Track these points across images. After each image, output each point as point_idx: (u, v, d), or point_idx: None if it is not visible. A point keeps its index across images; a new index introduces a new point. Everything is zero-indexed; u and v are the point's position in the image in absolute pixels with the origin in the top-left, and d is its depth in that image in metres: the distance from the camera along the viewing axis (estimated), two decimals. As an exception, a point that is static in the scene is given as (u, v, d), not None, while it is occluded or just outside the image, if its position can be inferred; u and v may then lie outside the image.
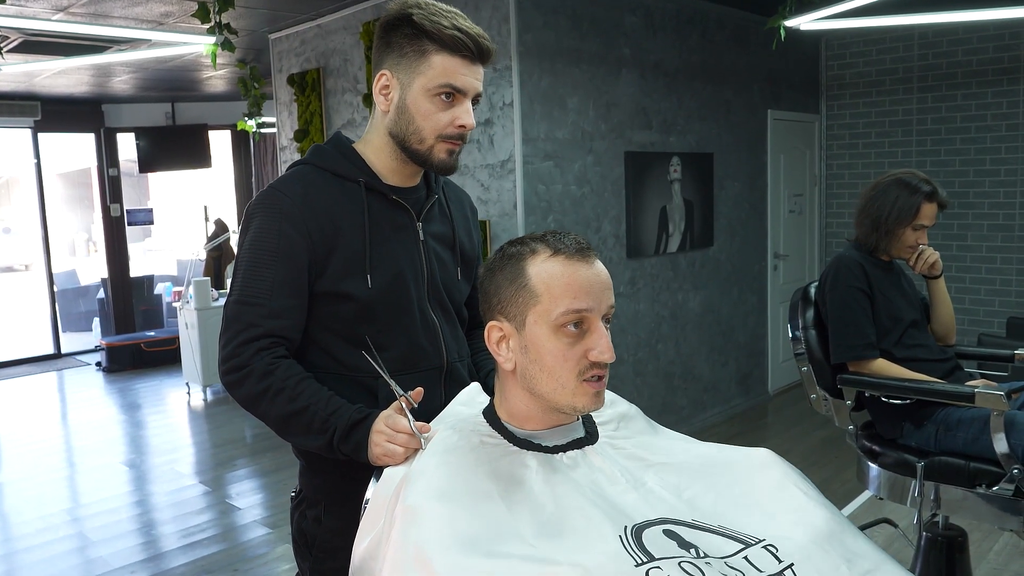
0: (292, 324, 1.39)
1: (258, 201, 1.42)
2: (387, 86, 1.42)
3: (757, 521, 1.17)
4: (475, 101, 1.43)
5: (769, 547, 1.10)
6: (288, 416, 1.35)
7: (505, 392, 1.27)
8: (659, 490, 1.20)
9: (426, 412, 1.35)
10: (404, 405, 1.30)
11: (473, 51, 1.38)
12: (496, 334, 1.23)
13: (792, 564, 1.07)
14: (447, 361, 1.52)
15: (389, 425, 1.28)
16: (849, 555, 1.12)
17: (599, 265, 1.22)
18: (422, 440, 1.26)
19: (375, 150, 1.47)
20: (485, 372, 1.61)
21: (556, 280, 1.18)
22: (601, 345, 1.18)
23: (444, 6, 1.39)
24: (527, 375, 1.21)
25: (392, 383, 1.32)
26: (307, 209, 1.39)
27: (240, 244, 1.43)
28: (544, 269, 1.19)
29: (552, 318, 1.17)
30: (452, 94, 1.38)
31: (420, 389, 1.33)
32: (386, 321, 1.44)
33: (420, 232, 1.49)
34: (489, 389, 1.44)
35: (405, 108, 1.40)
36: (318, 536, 1.49)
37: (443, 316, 1.54)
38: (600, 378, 1.20)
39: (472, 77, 1.39)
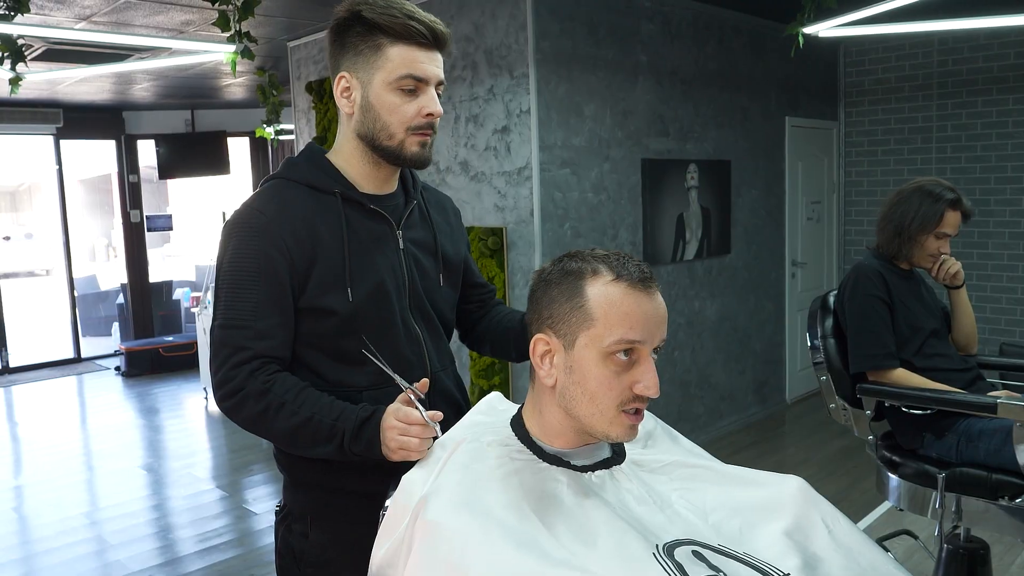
0: (280, 343, 1.36)
1: (234, 221, 1.38)
2: (348, 87, 1.39)
3: (780, 551, 1.15)
4: (439, 88, 1.40)
5: None
6: (294, 430, 1.32)
7: (541, 406, 1.25)
8: (685, 512, 1.19)
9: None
10: (412, 397, 1.28)
11: (428, 38, 1.35)
12: (542, 347, 1.21)
13: None
14: (430, 372, 1.49)
15: (400, 418, 1.26)
16: None
17: (659, 298, 1.18)
18: (436, 428, 1.24)
19: (346, 158, 1.45)
20: (518, 320, 1.59)
21: (615, 307, 1.15)
22: (648, 379, 1.16)
23: (394, 1, 1.36)
24: (567, 395, 1.19)
25: (396, 376, 1.30)
26: (284, 225, 1.36)
27: (219, 266, 1.39)
28: (604, 293, 1.15)
29: (604, 344, 1.14)
30: (414, 85, 1.36)
31: (425, 380, 1.31)
32: (369, 334, 1.40)
33: (400, 240, 1.46)
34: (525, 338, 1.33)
35: (369, 106, 1.38)
36: (306, 551, 1.46)
37: (425, 326, 1.51)
38: (639, 411, 1.19)
39: (431, 64, 1.37)
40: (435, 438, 1.26)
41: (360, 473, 1.40)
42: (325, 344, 1.40)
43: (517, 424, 1.27)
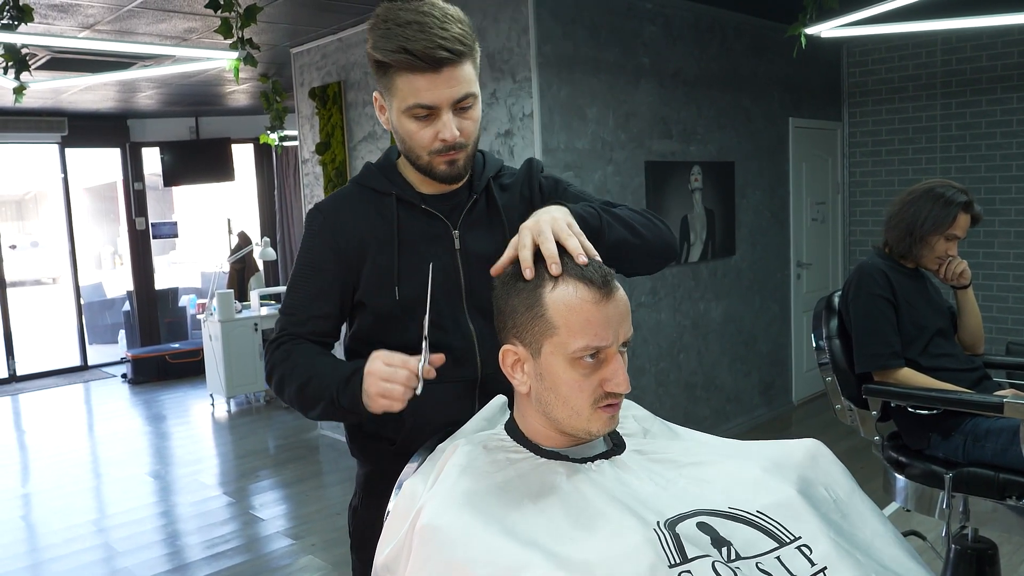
0: (313, 330, 1.44)
1: (306, 219, 1.51)
2: (381, 107, 1.43)
3: (792, 514, 1.14)
4: (465, 103, 1.36)
5: (803, 547, 1.07)
6: (301, 389, 1.36)
7: (523, 413, 1.26)
8: (691, 487, 1.17)
9: (454, 425, 1.34)
10: (425, 345, 1.26)
11: (427, 65, 1.30)
12: (511, 358, 1.22)
13: (825, 568, 1.05)
14: (481, 373, 1.47)
15: (386, 361, 1.25)
16: (883, 571, 1.09)
17: (619, 294, 1.18)
18: (421, 384, 1.23)
19: (404, 163, 1.48)
20: None
21: (574, 314, 1.14)
22: (618, 377, 1.16)
23: (403, 17, 1.31)
24: (542, 400, 1.20)
25: (424, 344, 1.27)
26: (336, 226, 1.45)
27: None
28: (562, 300, 1.15)
29: (569, 351, 1.14)
30: (426, 112, 1.34)
31: (441, 355, 1.28)
32: (415, 332, 1.39)
33: (456, 241, 1.46)
34: None
35: (396, 129, 1.41)
36: (356, 528, 1.56)
37: (485, 325, 1.45)
38: (614, 404, 1.19)
39: (440, 89, 1.32)
40: (416, 391, 1.24)
41: (403, 456, 1.39)
42: (375, 340, 1.40)
43: (512, 428, 1.28)
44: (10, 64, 3.63)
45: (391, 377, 1.24)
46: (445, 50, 1.29)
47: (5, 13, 3.24)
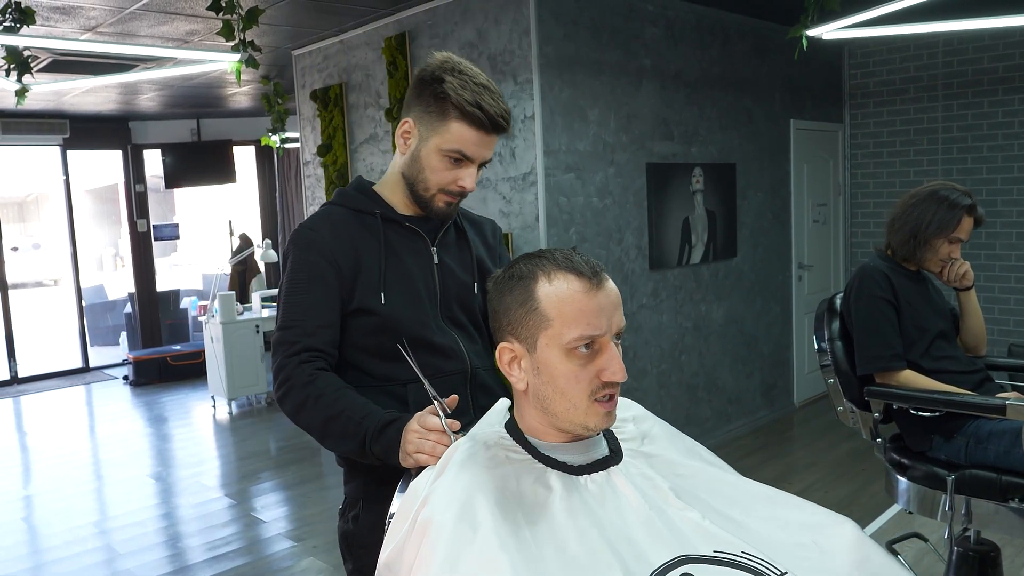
0: (327, 340, 1.51)
1: (291, 240, 1.57)
2: (408, 132, 1.56)
3: (779, 541, 1.15)
4: (486, 163, 1.57)
5: None
6: (326, 421, 1.43)
7: (521, 410, 1.28)
8: (680, 522, 1.17)
9: (455, 415, 1.38)
10: (437, 405, 1.33)
11: (488, 126, 1.50)
12: (507, 355, 1.24)
13: None
14: (471, 366, 1.60)
15: (421, 424, 1.33)
16: None
17: (609, 285, 1.20)
18: (451, 437, 1.28)
19: (391, 188, 1.62)
20: None
21: (567, 305, 1.17)
22: (613, 366, 1.18)
23: (478, 77, 1.51)
24: (540, 395, 1.21)
25: (427, 384, 1.36)
26: (334, 241, 1.54)
27: (280, 282, 1.59)
28: (554, 292, 1.18)
29: (564, 342, 1.17)
30: (460, 158, 1.52)
31: (455, 396, 1.37)
32: (404, 333, 1.52)
33: (435, 256, 1.61)
34: None
35: (418, 158, 1.54)
36: (357, 533, 1.58)
37: (458, 331, 1.63)
38: (611, 397, 1.20)
39: (483, 148, 1.53)
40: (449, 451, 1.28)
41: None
42: (369, 343, 1.55)
43: (512, 426, 1.29)
44: (12, 66, 3.63)
45: (425, 437, 1.32)
46: (503, 124, 1.52)
47: (7, 15, 3.24)
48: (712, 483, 1.27)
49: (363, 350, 1.55)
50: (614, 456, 1.26)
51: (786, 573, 1.09)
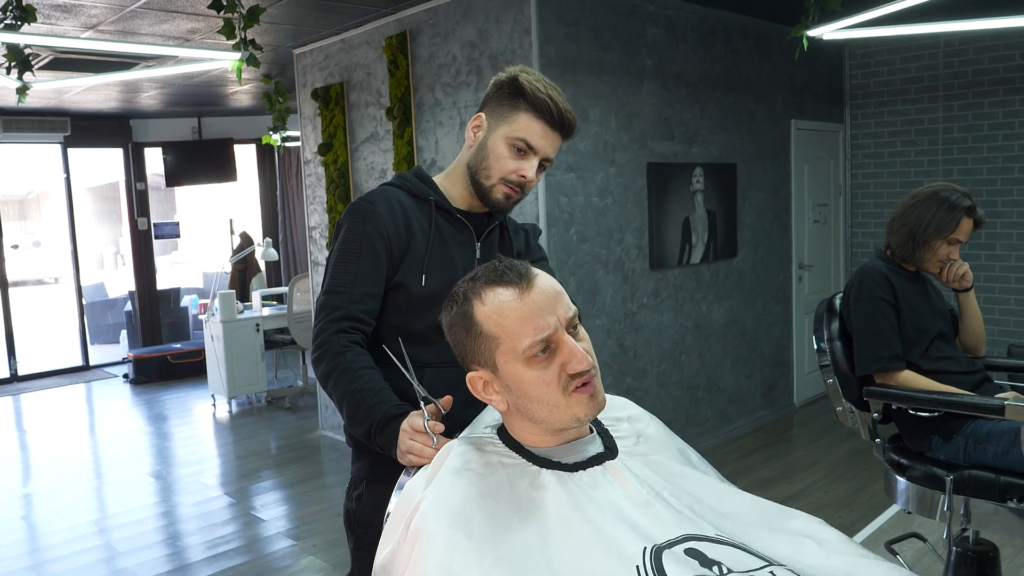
0: (369, 309, 1.57)
1: (348, 211, 1.63)
2: (479, 126, 1.64)
3: (783, 545, 1.15)
4: (544, 165, 1.63)
5: (792, 571, 1.09)
6: (344, 396, 1.48)
7: (511, 426, 1.28)
8: (680, 507, 1.18)
9: (470, 407, 1.41)
10: (422, 405, 1.35)
11: (555, 120, 1.58)
12: (479, 383, 1.25)
13: None
14: None
15: (410, 424, 1.36)
16: None
17: (540, 282, 1.20)
18: (434, 439, 1.29)
19: (453, 179, 1.70)
20: None
21: (506, 319, 1.18)
22: (575, 356, 1.17)
23: (550, 82, 1.61)
24: (521, 408, 1.22)
25: (416, 384, 1.38)
26: (387, 215, 1.60)
27: (331, 248, 1.65)
28: (491, 311, 1.19)
29: (519, 355, 1.17)
30: (525, 148, 1.59)
31: (449, 397, 1.39)
32: (436, 316, 1.52)
33: (477, 251, 1.69)
34: None
35: (484, 147, 1.62)
36: (359, 512, 1.63)
37: None
38: (587, 382, 1.19)
39: (547, 141, 1.60)
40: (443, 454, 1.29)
41: None
42: (398, 321, 1.60)
43: (503, 433, 1.29)
44: (13, 64, 3.63)
45: (413, 438, 1.34)
46: (569, 121, 1.61)
47: (8, 13, 3.25)
48: (706, 487, 1.28)
49: (391, 327, 1.60)
50: (609, 452, 1.26)
51: (785, 565, 1.10)
